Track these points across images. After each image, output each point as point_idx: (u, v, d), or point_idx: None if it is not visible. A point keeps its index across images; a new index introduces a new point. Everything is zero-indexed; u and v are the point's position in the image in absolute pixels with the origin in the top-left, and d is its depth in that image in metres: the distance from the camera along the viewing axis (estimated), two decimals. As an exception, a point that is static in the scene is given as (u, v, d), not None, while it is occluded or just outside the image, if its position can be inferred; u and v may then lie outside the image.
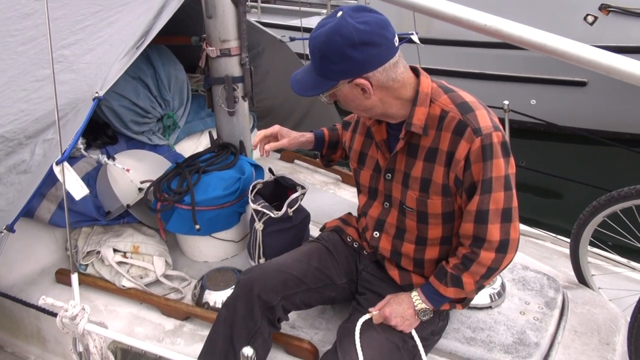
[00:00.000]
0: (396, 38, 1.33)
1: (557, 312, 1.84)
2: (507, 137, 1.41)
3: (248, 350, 1.07)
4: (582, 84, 5.41)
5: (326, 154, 1.90)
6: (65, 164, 1.33)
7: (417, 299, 1.54)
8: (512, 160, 1.41)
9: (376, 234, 1.65)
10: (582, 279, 2.13)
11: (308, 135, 1.84)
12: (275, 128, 1.82)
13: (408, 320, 1.52)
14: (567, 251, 2.48)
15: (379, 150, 1.57)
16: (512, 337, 1.72)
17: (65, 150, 1.34)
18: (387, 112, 1.45)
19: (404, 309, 1.52)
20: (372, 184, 1.63)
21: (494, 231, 1.40)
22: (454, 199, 1.46)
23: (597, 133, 5.28)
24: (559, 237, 2.66)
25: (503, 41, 1.62)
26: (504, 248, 1.42)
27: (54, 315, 1.29)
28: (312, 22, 7.14)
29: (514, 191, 1.42)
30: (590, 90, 5.41)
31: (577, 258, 2.10)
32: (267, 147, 1.78)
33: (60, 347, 2.06)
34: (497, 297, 1.85)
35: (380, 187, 1.60)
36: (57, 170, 1.31)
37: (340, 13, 1.31)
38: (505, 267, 1.49)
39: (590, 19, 5.09)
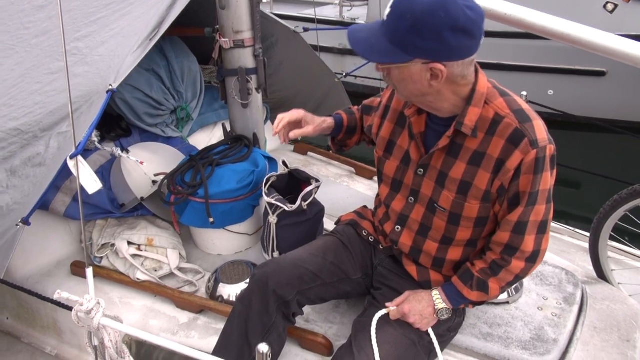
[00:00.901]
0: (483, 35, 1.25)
1: (576, 308, 1.80)
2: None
3: (263, 347, 1.05)
4: (601, 73, 5.30)
5: (342, 138, 1.80)
6: (79, 157, 1.32)
7: (437, 298, 1.51)
8: (555, 172, 1.38)
9: (398, 228, 1.60)
10: (601, 274, 2.09)
11: (329, 121, 1.73)
12: (301, 113, 1.65)
13: (426, 319, 1.49)
14: (586, 245, 2.44)
15: (412, 142, 1.49)
16: (530, 333, 1.69)
17: (79, 144, 1.33)
18: (439, 105, 1.36)
19: (423, 307, 1.49)
20: (398, 176, 1.56)
21: (529, 242, 1.38)
22: (492, 205, 1.42)
23: (616, 123, 5.17)
24: (577, 230, 2.61)
25: (524, 31, 1.58)
26: (534, 258, 1.42)
27: (70, 308, 1.29)
28: (325, 12, 7.09)
29: (552, 203, 1.39)
30: (610, 80, 5.30)
31: (597, 253, 2.06)
32: (291, 134, 1.62)
33: (76, 339, 2.08)
34: (514, 293, 1.82)
35: (407, 180, 1.53)
36: (71, 164, 1.31)
37: None
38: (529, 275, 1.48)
39: (610, 7, 4.98)
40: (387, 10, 1.23)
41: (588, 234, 2.49)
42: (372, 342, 1.43)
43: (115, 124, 2.41)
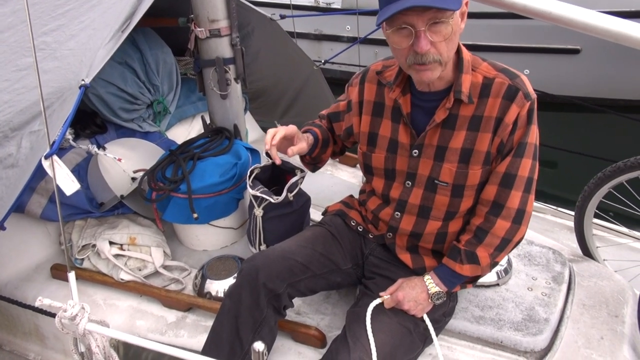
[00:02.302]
0: None
1: (564, 287, 1.82)
2: None
3: (259, 345, 1.02)
4: (575, 51, 5.35)
5: (318, 154, 1.74)
6: (55, 157, 1.26)
7: (430, 282, 1.50)
8: (537, 128, 1.41)
9: (397, 215, 1.57)
10: (587, 252, 2.11)
11: (310, 137, 1.68)
12: (293, 129, 1.57)
13: (421, 305, 1.49)
14: (569, 223, 2.47)
15: (400, 126, 1.48)
16: (522, 313, 1.69)
17: (53, 143, 1.26)
18: (447, 70, 1.36)
19: (417, 292, 1.49)
20: (389, 165, 1.54)
21: (514, 198, 1.40)
22: (492, 166, 1.43)
23: (592, 101, 5.24)
24: (559, 209, 2.64)
25: (504, 10, 1.56)
26: (519, 219, 1.42)
27: (53, 315, 1.24)
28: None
29: (537, 162, 1.42)
30: (584, 57, 5.35)
31: (582, 230, 2.08)
32: (289, 151, 1.55)
33: (59, 344, 2.02)
34: (504, 274, 1.82)
35: (400, 166, 1.51)
36: (46, 164, 1.25)
37: None
38: (518, 242, 1.47)
39: (584, -16, 5.01)
40: None
41: (570, 212, 2.53)
42: (368, 332, 1.41)
43: (90, 121, 2.33)
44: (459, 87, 1.36)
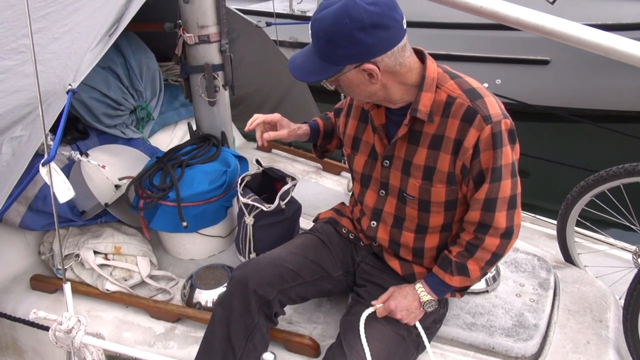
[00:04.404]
0: (404, 20, 1.27)
1: (551, 293, 1.86)
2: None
3: (269, 356, 1.01)
4: (545, 62, 5.52)
5: (321, 144, 1.83)
6: (53, 164, 1.21)
7: (421, 290, 1.51)
8: (517, 146, 1.40)
9: (373, 224, 1.60)
10: (568, 258, 2.17)
11: (304, 127, 1.76)
12: (276, 116, 1.69)
13: (413, 313, 1.49)
14: (547, 230, 2.54)
15: (376, 135, 1.51)
16: (511, 319, 1.72)
17: (51, 150, 1.22)
18: (390, 97, 1.38)
19: (409, 301, 1.49)
20: (367, 171, 1.57)
21: (500, 219, 1.39)
22: (459, 187, 1.43)
23: (560, 110, 5.40)
24: (538, 217, 2.70)
25: (495, 22, 1.60)
26: (509, 235, 1.42)
27: (45, 328, 1.19)
28: (271, 6, 6.97)
29: (518, 177, 1.41)
30: (553, 68, 5.53)
31: (565, 237, 2.13)
32: (265, 135, 1.64)
33: (39, 358, 1.94)
34: (492, 282, 1.86)
35: (376, 174, 1.55)
36: (43, 172, 1.20)
37: None
38: (507, 252, 1.48)
39: (552, -3, 5.18)
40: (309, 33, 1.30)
41: (548, 220, 2.59)
42: (362, 340, 1.41)
43: (71, 126, 2.26)
44: (416, 105, 1.36)
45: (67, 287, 1.19)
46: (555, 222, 2.20)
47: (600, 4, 5.08)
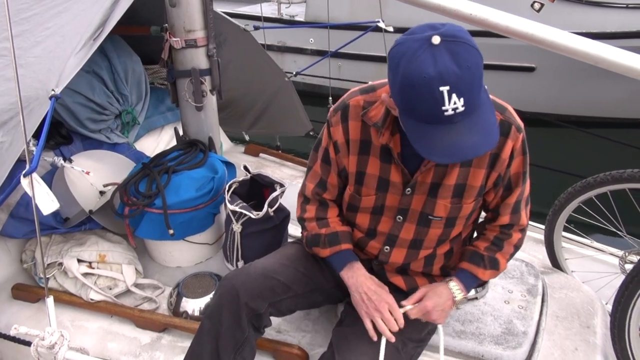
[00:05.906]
0: None
1: (539, 299, 1.86)
2: None
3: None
4: (531, 69, 5.58)
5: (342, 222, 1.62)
6: (35, 175, 1.17)
7: (456, 289, 1.48)
8: None
9: (387, 249, 1.54)
10: (556, 264, 2.18)
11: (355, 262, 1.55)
12: (385, 294, 1.48)
13: (445, 312, 1.47)
14: (533, 235, 2.54)
15: (392, 166, 1.41)
16: (500, 327, 1.72)
17: (32, 159, 1.18)
18: None
19: (444, 300, 1.46)
20: (378, 203, 1.48)
21: (523, 217, 1.50)
22: (484, 197, 1.46)
23: (546, 116, 5.46)
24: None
25: (487, 30, 1.59)
26: (525, 229, 1.53)
27: (27, 343, 1.15)
28: (256, 9, 6.95)
29: None
30: (539, 75, 5.59)
31: (552, 243, 2.14)
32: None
33: (21, 370, 1.89)
34: (481, 288, 1.85)
35: (391, 203, 1.47)
36: (25, 183, 1.16)
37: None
38: None
39: (537, 6, 5.24)
40: (449, 88, 1.08)
41: (537, 225, 2.61)
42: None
43: (55, 131, 2.21)
44: None
45: (50, 300, 1.15)
46: (542, 227, 2.22)
47: (585, 13, 5.16)
